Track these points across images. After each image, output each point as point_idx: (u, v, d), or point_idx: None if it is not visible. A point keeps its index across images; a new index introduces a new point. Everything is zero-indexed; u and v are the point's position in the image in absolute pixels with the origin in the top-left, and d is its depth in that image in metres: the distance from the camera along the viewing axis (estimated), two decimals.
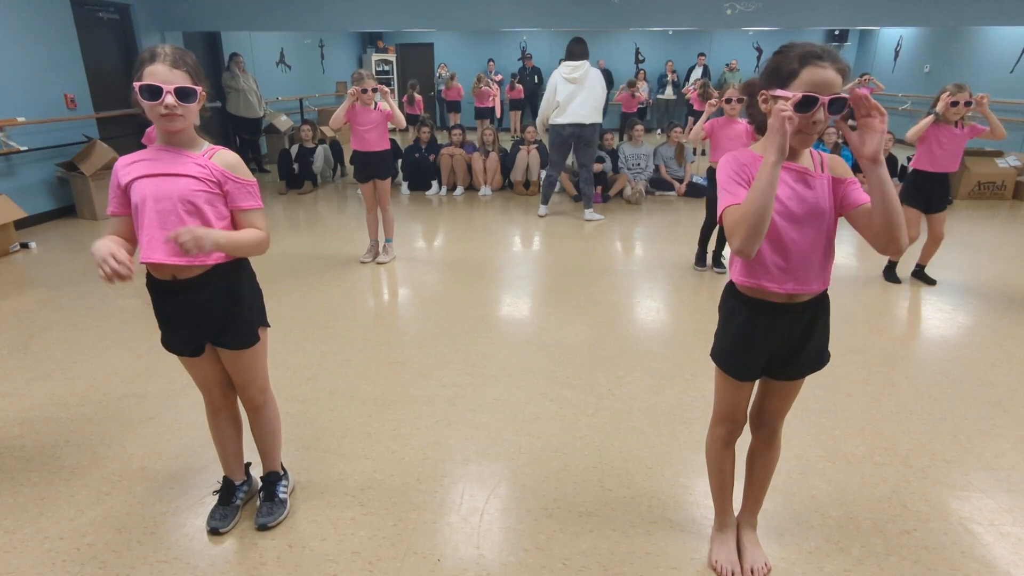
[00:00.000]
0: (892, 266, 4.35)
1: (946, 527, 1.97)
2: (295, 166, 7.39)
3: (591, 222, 6.03)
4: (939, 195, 4.07)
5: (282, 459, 2.08)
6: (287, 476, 2.10)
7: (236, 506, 2.01)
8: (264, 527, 1.95)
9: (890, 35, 12.26)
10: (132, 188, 1.61)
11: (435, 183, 7.35)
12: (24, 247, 5.08)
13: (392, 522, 1.99)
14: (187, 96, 1.56)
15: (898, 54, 11.92)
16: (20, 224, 5.29)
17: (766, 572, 1.78)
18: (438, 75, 13.70)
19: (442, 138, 8.35)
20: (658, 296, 4.08)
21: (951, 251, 5.05)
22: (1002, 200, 6.96)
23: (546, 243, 5.35)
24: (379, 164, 4.47)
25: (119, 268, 1.49)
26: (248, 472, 2.09)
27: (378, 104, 4.36)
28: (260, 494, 2.04)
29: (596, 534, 1.94)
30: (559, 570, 1.80)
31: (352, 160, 4.58)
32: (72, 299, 3.93)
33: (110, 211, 1.67)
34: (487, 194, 7.26)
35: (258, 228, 1.70)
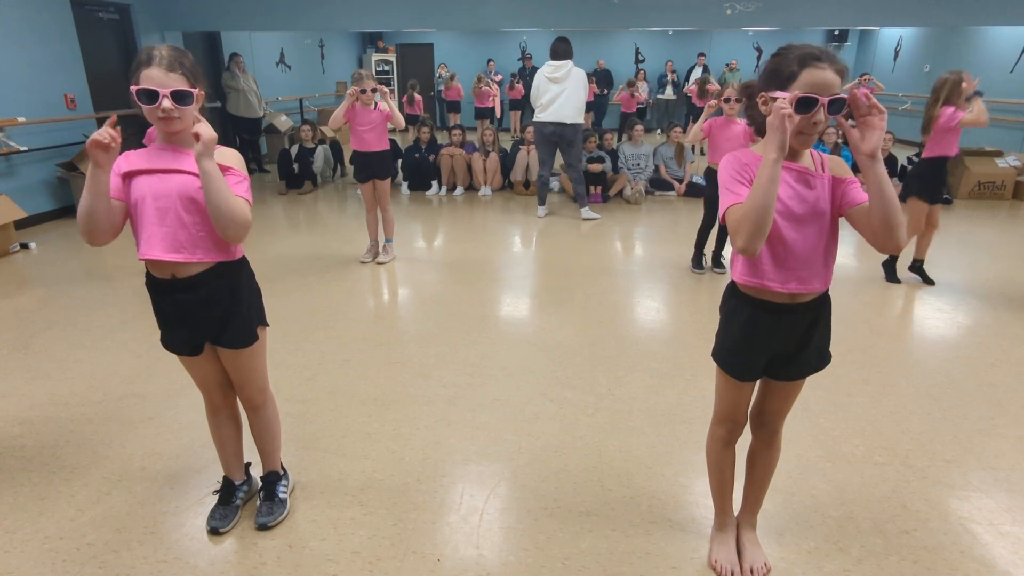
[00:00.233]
0: (892, 261, 4.34)
1: (946, 527, 1.97)
2: (295, 166, 7.39)
3: (588, 221, 6.03)
4: (945, 181, 4.35)
5: (282, 459, 2.08)
6: (287, 476, 2.10)
7: (236, 506, 2.01)
8: (264, 527, 1.95)
9: (890, 35, 12.26)
10: (132, 185, 1.62)
11: (435, 183, 7.35)
12: (24, 247, 5.08)
13: (392, 522, 1.99)
14: (183, 99, 1.56)
15: (898, 54, 11.93)
16: (20, 224, 5.29)
17: (765, 572, 1.78)
18: (438, 75, 13.70)
19: (442, 138, 8.35)
20: (658, 296, 4.08)
21: (951, 251, 5.05)
22: (1002, 200, 6.97)
23: (546, 243, 5.35)
24: (379, 164, 4.47)
25: (101, 135, 1.48)
26: (248, 472, 2.09)
27: (378, 104, 4.36)
28: (260, 494, 2.04)
29: (596, 534, 1.94)
30: (559, 570, 1.80)
31: (352, 160, 4.58)
32: (72, 299, 3.93)
33: None
34: (487, 194, 7.26)
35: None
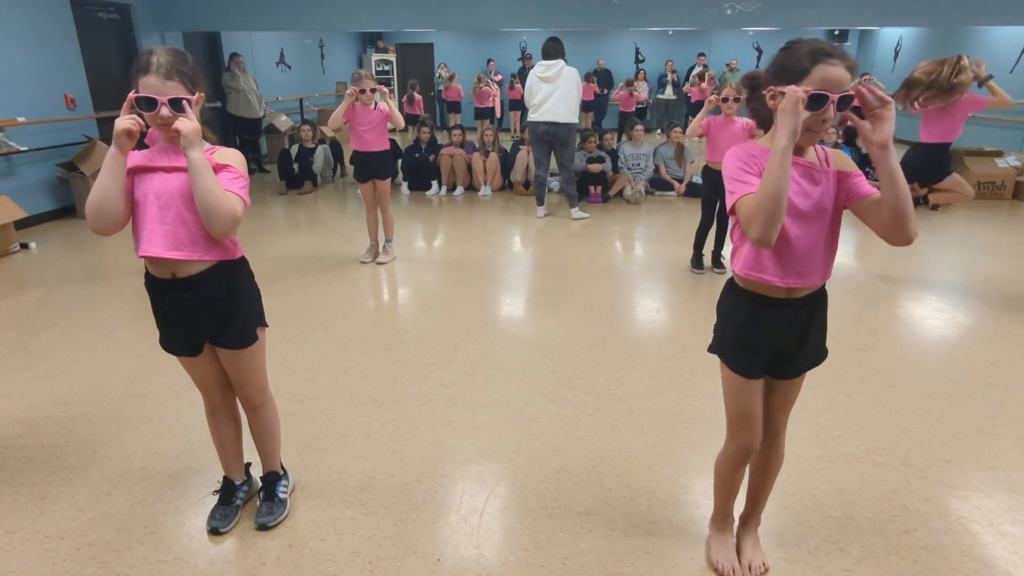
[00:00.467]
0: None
1: (945, 527, 1.97)
2: (295, 166, 7.39)
3: (578, 220, 6.03)
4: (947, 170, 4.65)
5: (282, 459, 2.08)
6: (287, 476, 2.10)
7: (236, 506, 2.01)
8: (264, 527, 1.95)
9: (890, 35, 12.26)
10: (135, 182, 1.62)
11: (435, 183, 7.35)
12: (24, 247, 5.08)
13: (392, 522, 1.99)
14: (182, 106, 1.56)
15: (898, 54, 11.93)
16: (20, 224, 5.29)
17: (764, 571, 1.78)
18: (438, 75, 13.71)
19: (442, 138, 8.34)
20: (658, 296, 4.08)
21: (951, 251, 5.06)
22: (1002, 200, 6.96)
23: (546, 243, 5.35)
24: (379, 164, 4.47)
25: (131, 123, 1.52)
26: (248, 472, 2.09)
27: (377, 104, 4.36)
28: (260, 494, 2.04)
29: (596, 534, 1.94)
30: (559, 570, 1.80)
31: (352, 160, 4.58)
32: (72, 299, 3.93)
33: None
34: (487, 194, 7.26)
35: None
